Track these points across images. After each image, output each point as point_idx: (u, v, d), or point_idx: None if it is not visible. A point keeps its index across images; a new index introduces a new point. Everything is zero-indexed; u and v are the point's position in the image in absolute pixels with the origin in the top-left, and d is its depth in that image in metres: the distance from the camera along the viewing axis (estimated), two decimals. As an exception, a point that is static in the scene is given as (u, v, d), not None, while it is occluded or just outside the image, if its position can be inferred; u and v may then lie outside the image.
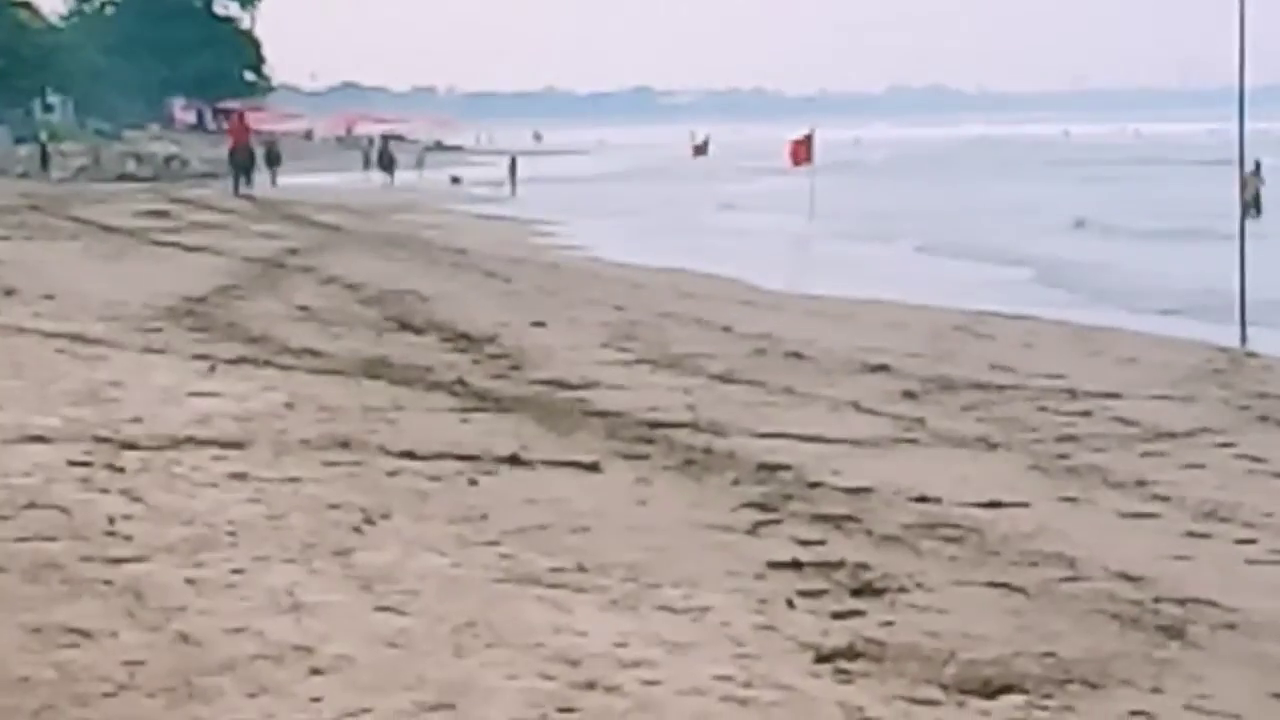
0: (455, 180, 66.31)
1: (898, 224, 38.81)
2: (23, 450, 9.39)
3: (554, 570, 7.31)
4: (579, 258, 29.21)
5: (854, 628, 6.61)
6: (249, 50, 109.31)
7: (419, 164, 75.20)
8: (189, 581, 6.86)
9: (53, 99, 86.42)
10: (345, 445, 10.08)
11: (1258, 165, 37.93)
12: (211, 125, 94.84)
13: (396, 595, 6.76)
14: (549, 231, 37.10)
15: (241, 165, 51.12)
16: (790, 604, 6.95)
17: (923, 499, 9.11)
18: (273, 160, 59.85)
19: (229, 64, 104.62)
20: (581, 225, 39.16)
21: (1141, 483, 9.83)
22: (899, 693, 5.85)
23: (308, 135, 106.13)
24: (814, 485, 9.41)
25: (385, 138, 77.73)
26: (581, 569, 7.37)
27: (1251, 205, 34.35)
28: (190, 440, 9.95)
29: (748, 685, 5.80)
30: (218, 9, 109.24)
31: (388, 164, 67.34)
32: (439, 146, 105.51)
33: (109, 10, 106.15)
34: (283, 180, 57.94)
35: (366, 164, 69.59)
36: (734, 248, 32.73)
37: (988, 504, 9.04)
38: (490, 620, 6.42)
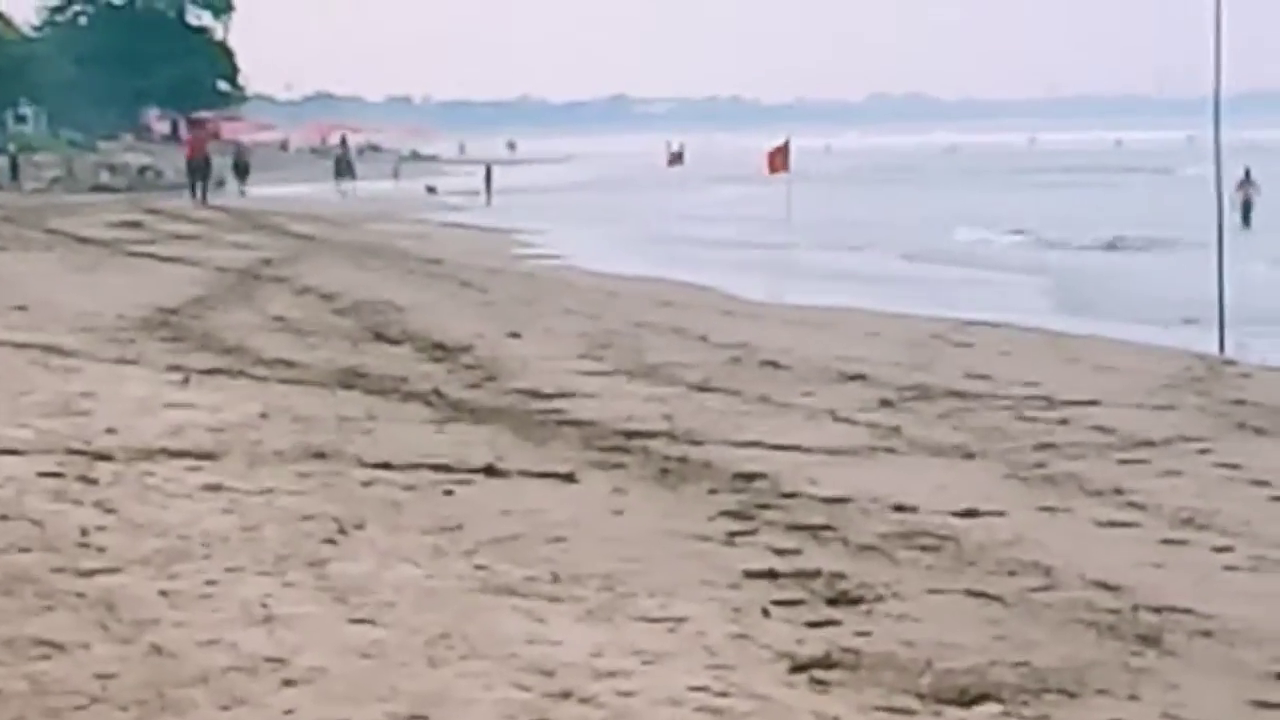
0: (431, 190, 66.31)
1: (864, 232, 39.24)
2: (-6, 462, 9.33)
3: (529, 580, 7.28)
4: (554, 267, 29.18)
5: (830, 637, 6.59)
6: (222, 60, 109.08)
7: (395, 173, 75.08)
8: (162, 593, 6.82)
9: (25, 110, 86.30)
10: (320, 456, 10.03)
11: (1247, 172, 37.55)
12: (186, 136, 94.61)
13: (371, 606, 6.73)
14: (524, 241, 37.08)
15: (199, 174, 50.95)
16: (766, 613, 6.93)
17: (899, 508, 9.08)
18: (240, 170, 59.38)
19: (202, 74, 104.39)
20: (557, 235, 39.17)
21: (1119, 491, 9.81)
22: (875, 702, 5.83)
23: (283, 146, 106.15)
24: (790, 494, 9.37)
25: (343, 142, 74.36)
26: (556, 579, 7.34)
27: (1240, 215, 34.43)
28: (164, 451, 9.90)
29: (723, 695, 5.78)
30: (190, 19, 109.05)
31: (345, 170, 64.50)
32: (414, 156, 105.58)
33: (82, 21, 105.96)
34: (255, 191, 57.74)
35: (339, 174, 69.23)
36: (708, 256, 32.77)
37: (964, 513, 9.01)
38: (465, 631, 6.39)
